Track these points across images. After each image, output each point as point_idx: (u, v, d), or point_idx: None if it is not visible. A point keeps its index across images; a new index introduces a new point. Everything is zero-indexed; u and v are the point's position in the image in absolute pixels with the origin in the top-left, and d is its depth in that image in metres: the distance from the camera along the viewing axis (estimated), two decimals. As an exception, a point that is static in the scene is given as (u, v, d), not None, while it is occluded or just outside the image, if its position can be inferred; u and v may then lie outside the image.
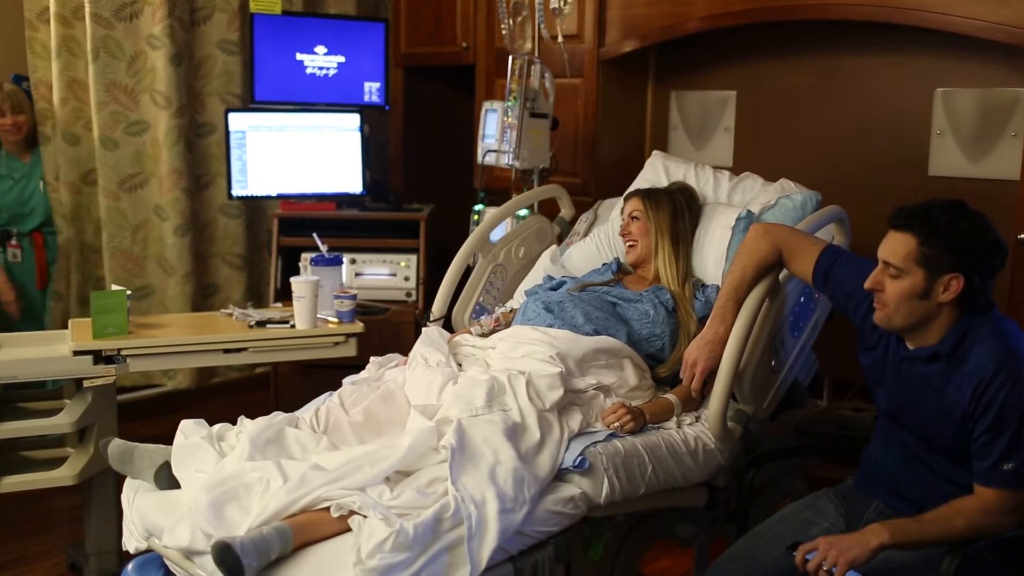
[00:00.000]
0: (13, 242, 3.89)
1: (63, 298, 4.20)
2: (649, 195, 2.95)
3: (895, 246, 2.06)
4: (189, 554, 1.95)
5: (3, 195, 3.89)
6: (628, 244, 2.94)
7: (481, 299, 3.23)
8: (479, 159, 3.74)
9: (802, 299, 2.71)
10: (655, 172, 3.32)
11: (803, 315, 2.73)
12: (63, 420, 2.90)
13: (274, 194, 4.25)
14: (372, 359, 2.72)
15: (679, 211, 2.93)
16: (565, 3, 3.54)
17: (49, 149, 4.10)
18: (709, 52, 4.08)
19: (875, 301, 2.12)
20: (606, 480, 2.20)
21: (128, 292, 3.01)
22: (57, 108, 4.17)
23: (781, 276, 2.55)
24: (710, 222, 2.97)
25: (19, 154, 3.93)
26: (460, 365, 2.59)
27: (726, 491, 2.59)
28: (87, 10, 4.16)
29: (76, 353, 2.86)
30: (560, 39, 3.56)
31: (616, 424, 2.34)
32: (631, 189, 3.14)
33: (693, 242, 2.95)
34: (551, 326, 2.61)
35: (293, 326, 3.05)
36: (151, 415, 4.28)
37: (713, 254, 2.92)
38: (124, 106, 4.33)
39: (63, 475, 2.93)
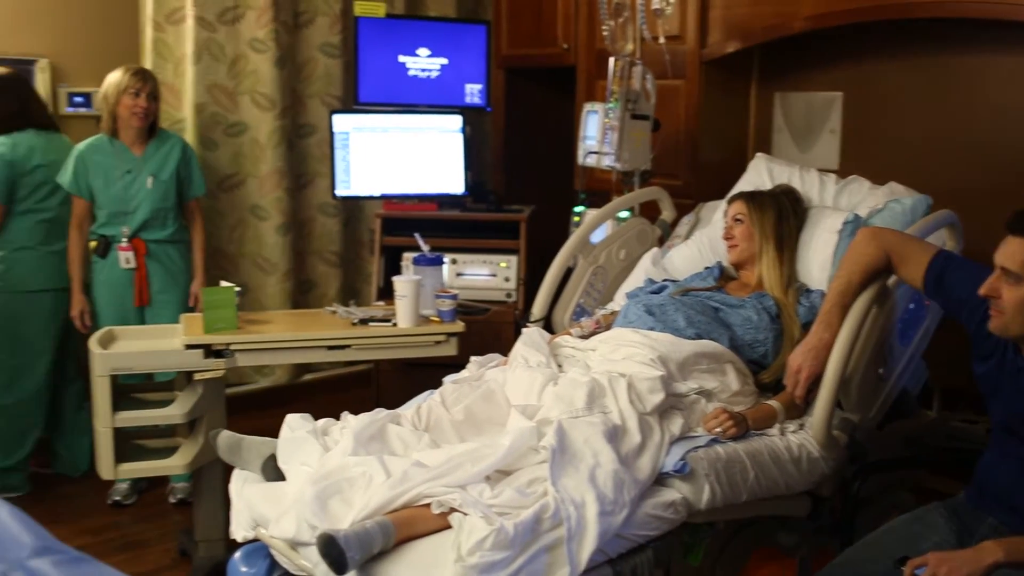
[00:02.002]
0: (124, 244, 3.67)
1: None
2: (753, 198, 2.91)
3: (1014, 251, 1.99)
4: (294, 545, 1.99)
5: (108, 187, 3.65)
6: (731, 247, 2.90)
7: (581, 301, 3.23)
8: (580, 160, 3.73)
9: (912, 306, 2.64)
10: (758, 175, 3.27)
11: (913, 322, 2.66)
12: (175, 411, 2.99)
13: (377, 194, 4.32)
14: (472, 358, 2.74)
15: (784, 214, 2.88)
16: (668, 4, 3.52)
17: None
18: (815, 52, 4.00)
19: (991, 308, 2.05)
20: (707, 486, 2.18)
21: (237, 288, 3.09)
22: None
23: (890, 282, 2.49)
24: (815, 226, 2.92)
25: (133, 145, 3.69)
26: (560, 366, 2.60)
27: (830, 501, 2.54)
28: (190, 14, 4.30)
29: (188, 347, 2.95)
30: (662, 40, 3.54)
31: (718, 429, 2.32)
32: (735, 191, 3.11)
33: (797, 246, 2.90)
34: (652, 329, 2.60)
35: (395, 324, 3.09)
36: (253, 409, 4.39)
37: (818, 259, 2.87)
38: (224, 108, 4.45)
39: (175, 464, 3.03)
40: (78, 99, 4.39)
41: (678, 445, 2.25)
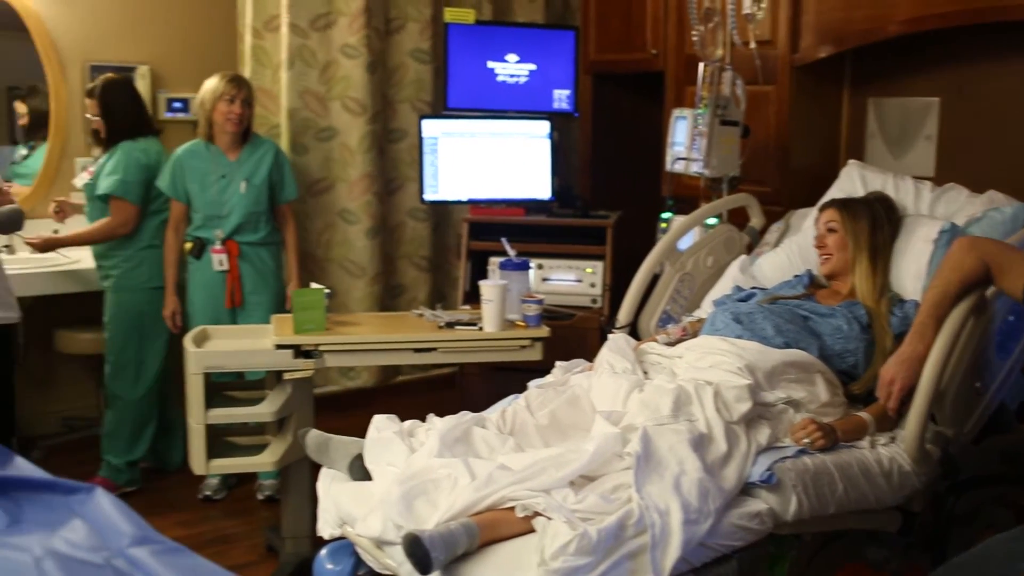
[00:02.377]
0: (218, 246, 3.75)
1: None
2: (846, 205, 2.86)
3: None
4: (380, 543, 2.02)
5: (203, 191, 3.75)
6: (823, 256, 2.85)
7: (668, 308, 3.21)
8: (667, 166, 3.71)
9: (1011, 318, 2.56)
10: (851, 182, 3.21)
11: (1012, 335, 2.58)
12: (265, 409, 3.05)
13: (464, 199, 4.35)
14: (558, 364, 2.75)
15: (878, 223, 2.82)
16: (759, 8, 3.47)
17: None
18: (911, 57, 3.91)
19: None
20: (794, 497, 2.15)
21: (327, 291, 3.14)
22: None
23: (988, 293, 2.42)
24: (910, 235, 2.85)
25: (228, 150, 3.78)
26: (646, 373, 2.59)
27: (922, 517, 2.47)
28: (284, 21, 4.39)
29: (278, 347, 3.01)
30: (753, 45, 3.49)
31: (806, 440, 2.28)
32: (827, 199, 3.05)
33: (891, 256, 2.84)
34: (740, 337, 2.57)
35: (481, 328, 3.11)
36: (340, 409, 4.44)
37: (912, 268, 2.80)
38: (315, 113, 4.54)
39: (264, 461, 3.10)
40: (176, 104, 4.54)
41: (765, 455, 2.22)
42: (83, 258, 4.16)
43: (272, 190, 3.83)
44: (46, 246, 3.74)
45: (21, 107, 4.39)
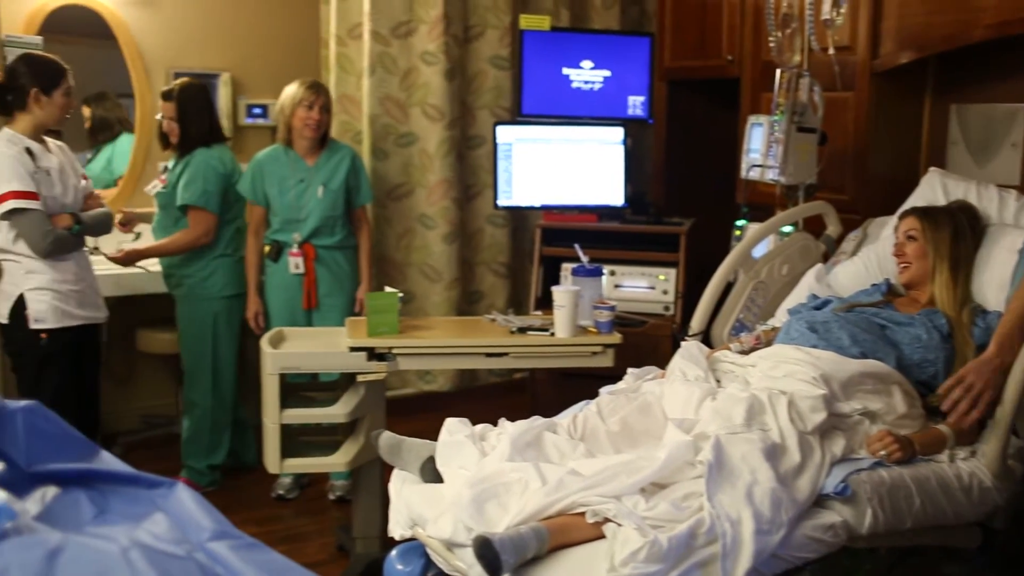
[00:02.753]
0: (295, 249, 3.81)
1: None
2: (928, 214, 2.80)
3: None
4: (451, 545, 2.04)
5: (282, 195, 3.81)
6: (902, 265, 2.80)
7: (741, 316, 3.18)
8: (743, 174, 3.68)
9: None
10: (932, 190, 3.14)
11: (1100, 348, 2.50)
12: (339, 411, 3.09)
13: (537, 205, 4.37)
14: (629, 370, 2.74)
15: (960, 232, 2.76)
16: (838, 14, 3.42)
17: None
18: (995, 62, 3.81)
19: None
20: (869, 510, 2.11)
21: (400, 294, 3.18)
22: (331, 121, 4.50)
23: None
24: (994, 245, 2.79)
25: (306, 155, 3.83)
26: (719, 381, 2.56)
27: (1004, 534, 2.41)
28: (366, 29, 4.46)
29: (352, 349, 3.05)
30: (831, 51, 3.45)
31: (882, 452, 2.24)
32: (907, 207, 3.00)
33: (974, 266, 2.77)
34: (815, 347, 2.53)
35: (553, 334, 3.11)
36: (411, 413, 4.49)
37: (996, 279, 2.74)
38: (395, 119, 4.59)
39: (336, 461, 3.14)
40: (256, 110, 4.63)
41: (839, 467, 2.19)
42: (165, 259, 4.27)
43: (348, 195, 3.88)
44: (128, 260, 3.77)
45: (85, 111, 4.49)
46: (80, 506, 1.30)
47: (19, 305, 3.12)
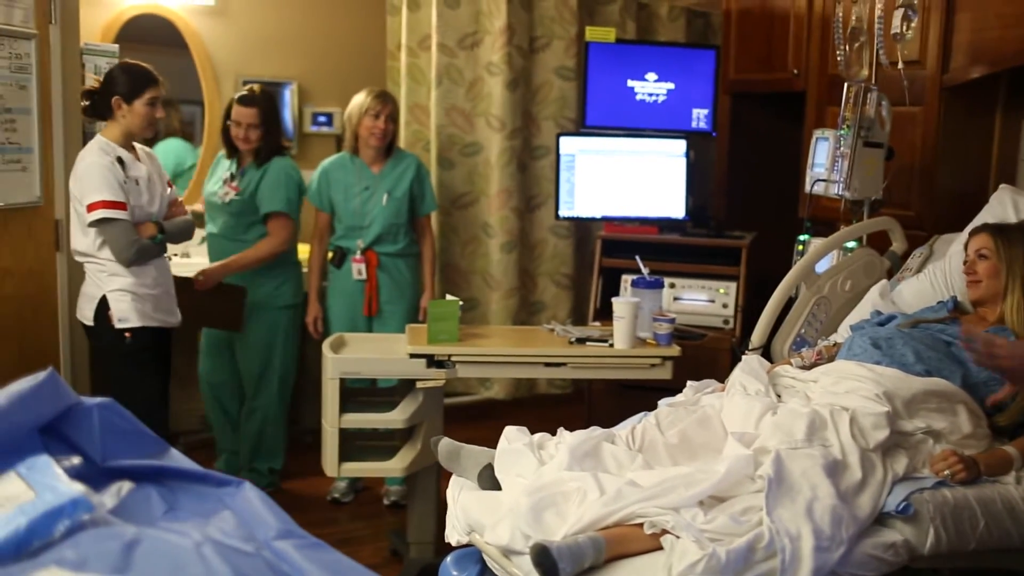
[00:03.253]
0: (357, 256, 3.87)
1: None
2: (1001, 232, 2.74)
3: None
4: (508, 552, 2.05)
5: (346, 201, 3.87)
6: (972, 284, 2.74)
7: (802, 331, 3.15)
8: (806, 188, 3.64)
9: None
10: (1002, 207, 3.09)
11: None
12: (397, 416, 3.13)
13: (599, 216, 4.37)
14: (689, 383, 2.73)
15: (1033, 251, 2.70)
16: (908, 28, 3.38)
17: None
18: (1071, 78, 3.74)
19: None
20: (932, 530, 2.08)
21: (460, 302, 3.20)
22: (402, 130, 4.55)
23: None
24: (1065, 263, 2.72)
25: (372, 163, 3.89)
26: (779, 396, 2.55)
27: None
28: (433, 40, 4.51)
29: (412, 356, 3.09)
30: (900, 65, 3.41)
31: (946, 472, 2.21)
32: (977, 223, 2.95)
33: (1047, 285, 2.71)
34: (878, 363, 2.50)
35: (612, 345, 3.11)
36: (469, 420, 4.51)
37: (1066, 298, 2.68)
38: (461, 129, 4.64)
39: (393, 467, 3.17)
40: (321, 119, 4.71)
41: (901, 485, 2.16)
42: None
43: (413, 203, 3.92)
44: (210, 282, 3.74)
45: None
46: (152, 501, 1.34)
47: (103, 306, 3.19)
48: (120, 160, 3.18)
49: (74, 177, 3.18)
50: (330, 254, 3.94)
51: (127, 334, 3.19)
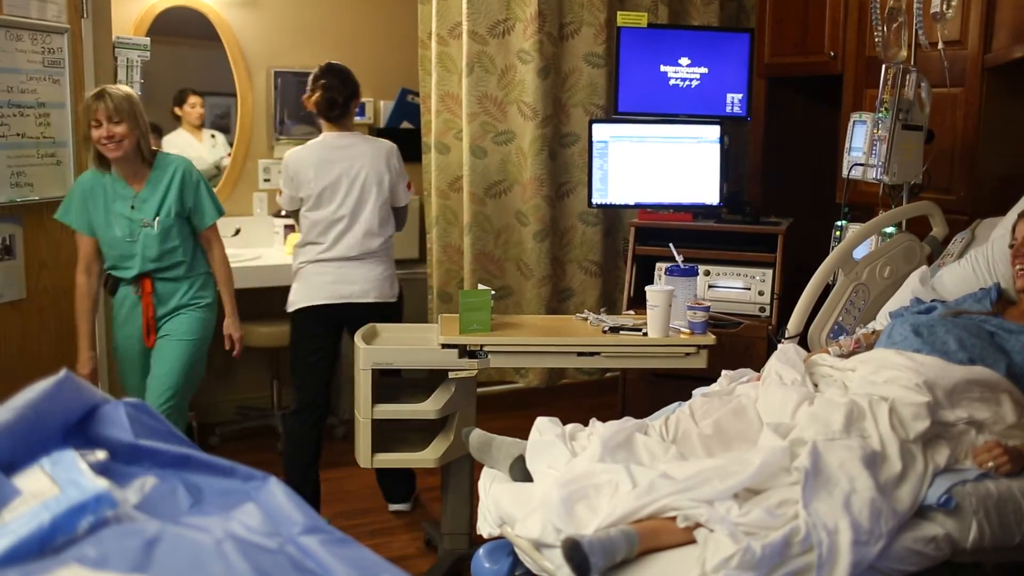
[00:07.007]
0: (131, 286, 3.28)
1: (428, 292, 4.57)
2: (1049, 216, 2.68)
3: None
4: (539, 545, 2.03)
5: (107, 227, 3.22)
6: (1018, 269, 2.67)
7: (840, 318, 3.10)
8: (844, 172, 3.58)
9: None
10: (1048, 191, 3.02)
11: None
12: (430, 407, 3.11)
13: (632, 203, 4.33)
14: (724, 372, 2.69)
15: (1084, 237, 2.63)
16: (948, 7, 3.31)
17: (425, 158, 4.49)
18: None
19: None
20: (975, 523, 2.04)
21: (492, 292, 3.18)
22: (433, 119, 4.53)
23: None
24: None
25: (131, 179, 3.23)
26: (816, 386, 2.50)
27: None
28: (464, 28, 4.48)
29: (444, 346, 3.07)
30: (940, 45, 3.33)
31: (990, 464, 2.15)
32: (1022, 208, 2.87)
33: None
34: (918, 351, 2.45)
35: (645, 334, 3.08)
36: (501, 409, 4.50)
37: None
38: (493, 117, 4.60)
39: (426, 457, 3.16)
40: (353, 108, 4.68)
41: (943, 477, 2.11)
42: (263, 255, 4.34)
43: (190, 217, 3.37)
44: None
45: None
46: (177, 496, 1.32)
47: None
48: None
49: (387, 167, 3.52)
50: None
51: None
